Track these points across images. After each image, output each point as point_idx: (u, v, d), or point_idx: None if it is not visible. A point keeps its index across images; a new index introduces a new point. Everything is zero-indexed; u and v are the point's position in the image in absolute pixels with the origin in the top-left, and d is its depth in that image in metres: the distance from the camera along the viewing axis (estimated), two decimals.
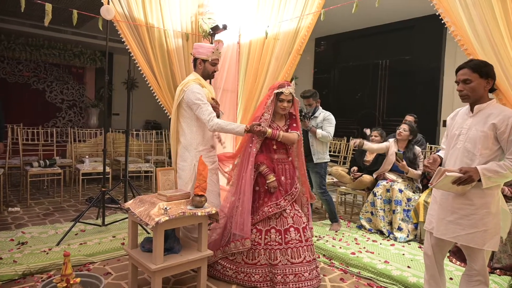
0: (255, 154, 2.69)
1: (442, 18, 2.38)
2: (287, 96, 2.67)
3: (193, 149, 2.71)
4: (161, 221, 2.20)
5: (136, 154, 6.24)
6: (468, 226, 2.04)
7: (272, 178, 2.63)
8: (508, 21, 2.09)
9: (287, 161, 2.76)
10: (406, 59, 6.59)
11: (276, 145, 2.72)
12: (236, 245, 2.61)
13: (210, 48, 2.72)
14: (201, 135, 2.72)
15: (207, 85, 2.78)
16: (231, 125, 2.62)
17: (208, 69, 2.76)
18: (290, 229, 2.60)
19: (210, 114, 2.60)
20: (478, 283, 2.12)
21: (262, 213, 2.62)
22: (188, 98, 2.63)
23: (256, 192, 2.71)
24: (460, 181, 1.97)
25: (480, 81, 2.02)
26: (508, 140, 1.95)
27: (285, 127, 2.78)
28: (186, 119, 2.72)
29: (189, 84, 2.67)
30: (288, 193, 2.67)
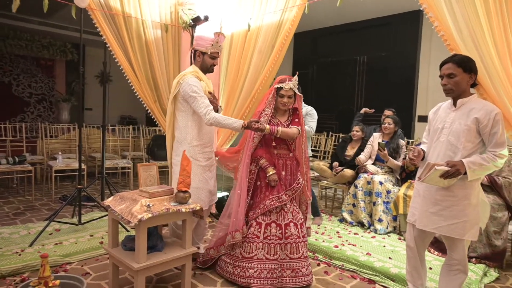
0: (252, 148, 2.65)
1: (426, 13, 2.40)
2: (287, 91, 2.59)
3: (187, 143, 2.62)
4: (144, 219, 2.13)
5: (112, 150, 6.04)
6: (449, 217, 2.09)
7: (272, 171, 2.57)
8: (490, 18, 2.14)
9: (288, 157, 2.67)
10: (383, 55, 6.69)
11: (275, 141, 2.63)
12: (228, 238, 2.59)
13: (210, 41, 2.61)
14: (196, 129, 2.62)
15: (205, 78, 2.68)
16: (228, 120, 2.53)
17: (207, 62, 2.66)
18: (290, 224, 2.56)
19: (207, 107, 2.50)
20: (458, 272, 2.18)
21: (263, 206, 2.57)
22: (184, 90, 2.54)
23: (257, 187, 2.66)
24: (447, 175, 2.01)
25: (464, 75, 2.06)
26: (490, 134, 2.00)
27: (287, 122, 2.69)
28: (182, 113, 2.62)
29: (185, 76, 2.57)
30: (289, 188, 2.61)
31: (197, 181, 2.62)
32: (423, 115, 6.35)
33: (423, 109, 6.34)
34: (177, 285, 2.52)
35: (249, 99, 3.54)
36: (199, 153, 2.63)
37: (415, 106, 6.44)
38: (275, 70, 3.43)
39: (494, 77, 2.16)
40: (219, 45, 2.65)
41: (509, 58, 2.10)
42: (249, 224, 2.60)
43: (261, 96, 3.53)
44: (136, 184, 5.64)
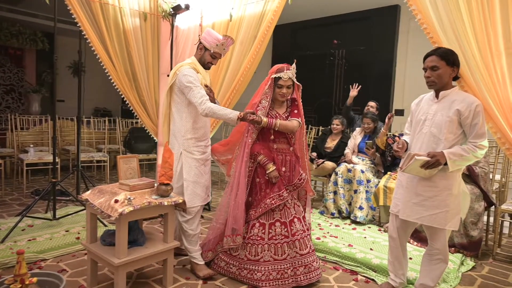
0: (250, 144, 2.48)
1: (409, 6, 2.42)
2: (286, 81, 2.43)
3: (181, 136, 2.52)
4: (125, 212, 2.06)
5: (87, 143, 5.85)
6: (431, 207, 2.13)
7: (272, 167, 2.42)
8: (471, 11, 2.17)
9: (288, 152, 2.51)
10: (362, 49, 6.76)
11: (274, 134, 2.47)
12: (228, 240, 2.44)
13: (216, 40, 2.51)
14: (190, 122, 2.51)
15: (203, 71, 2.58)
16: (224, 111, 2.39)
17: (205, 58, 2.56)
18: (294, 220, 2.45)
19: (202, 97, 2.39)
20: (439, 261, 2.23)
21: (264, 205, 2.42)
22: (180, 81, 2.45)
23: (257, 184, 2.51)
24: (428, 165, 2.04)
25: (447, 68, 2.10)
26: (470, 125, 2.05)
27: (286, 114, 2.53)
28: (177, 105, 2.53)
29: (182, 67, 2.49)
30: (290, 184, 2.47)
31: (193, 175, 2.52)
32: (400, 108, 6.47)
33: (399, 102, 6.47)
34: (158, 280, 2.47)
35: (230, 90, 3.49)
36: (193, 146, 2.53)
37: (392, 100, 6.56)
38: (257, 61, 3.38)
39: (474, 70, 2.20)
40: (224, 48, 2.57)
41: (489, 51, 2.14)
42: (251, 224, 2.46)
43: (242, 88, 3.49)
44: (112, 177, 5.49)
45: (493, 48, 2.13)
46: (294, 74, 2.48)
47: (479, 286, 2.55)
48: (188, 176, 2.51)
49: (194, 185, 2.52)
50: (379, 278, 2.59)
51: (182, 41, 3.55)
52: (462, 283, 2.57)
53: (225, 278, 2.50)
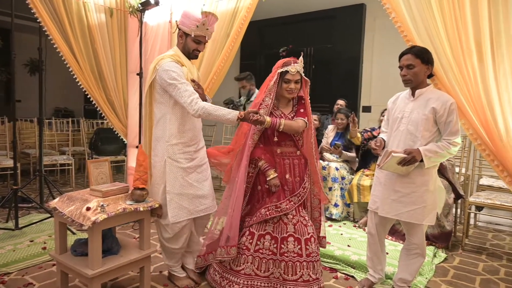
0: (251, 147, 2.23)
1: (384, 4, 2.44)
2: (294, 75, 2.18)
3: (165, 141, 2.20)
4: (98, 221, 1.93)
5: (49, 146, 5.52)
6: (409, 204, 2.17)
7: (273, 174, 2.18)
8: (443, 11, 2.22)
9: (295, 155, 2.26)
10: (329, 47, 6.85)
11: (279, 137, 2.21)
12: (221, 252, 2.22)
13: (195, 21, 2.13)
14: (176, 125, 2.18)
15: (188, 63, 2.23)
16: (221, 110, 2.07)
17: (189, 46, 2.20)
18: (289, 239, 2.14)
19: (192, 96, 2.05)
20: (417, 256, 2.28)
21: (258, 215, 2.20)
22: (161, 78, 2.10)
23: (257, 192, 2.27)
24: (404, 162, 2.08)
25: (422, 66, 2.13)
26: (445, 123, 2.10)
27: (292, 114, 2.27)
28: (159, 105, 2.20)
29: (162, 60, 2.13)
30: (295, 193, 2.21)
31: (177, 186, 2.21)
32: (367, 105, 6.63)
33: (367, 99, 6.62)
34: None
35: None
36: (179, 153, 2.20)
37: (359, 97, 6.70)
38: (230, 59, 3.32)
39: (447, 68, 2.26)
40: (207, 28, 2.17)
41: (460, 49, 2.21)
42: (242, 232, 2.26)
43: (215, 87, 3.41)
44: (78, 181, 5.23)
45: (464, 46, 2.19)
46: (302, 68, 2.24)
47: (452, 277, 2.64)
48: (172, 188, 2.20)
49: (180, 197, 2.21)
50: (358, 274, 2.62)
51: (152, 38, 3.42)
52: (436, 275, 2.65)
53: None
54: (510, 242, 3.32)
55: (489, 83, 2.14)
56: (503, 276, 2.67)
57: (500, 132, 2.13)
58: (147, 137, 2.32)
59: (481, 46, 2.14)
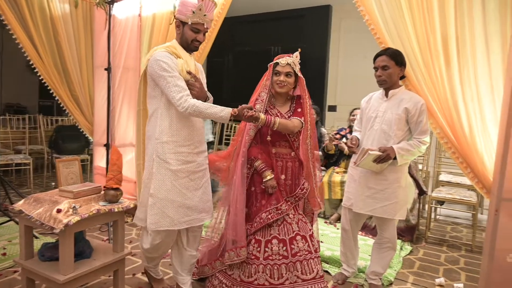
0: (248, 143, 2.12)
1: (358, 7, 2.51)
2: (284, 67, 2.08)
3: (154, 138, 1.99)
4: (71, 223, 1.84)
5: (3, 144, 5.16)
6: (382, 199, 2.26)
7: (270, 175, 2.07)
8: (413, 15, 2.32)
9: (289, 157, 2.15)
10: (296, 46, 6.93)
11: (272, 136, 2.10)
12: (230, 255, 2.07)
13: (191, 6, 1.95)
14: (167, 121, 1.97)
15: (186, 55, 2.02)
16: (213, 108, 1.89)
17: (187, 35, 1.99)
18: (297, 237, 2.07)
19: (182, 92, 1.88)
20: (388, 249, 2.38)
21: (260, 220, 2.08)
22: (152, 69, 1.92)
23: (252, 194, 2.15)
24: (380, 159, 2.16)
25: (396, 68, 2.23)
26: (416, 122, 2.21)
27: (289, 113, 2.15)
28: (151, 100, 2.02)
29: (156, 51, 1.97)
30: (292, 194, 2.13)
31: (163, 190, 1.98)
32: (332, 104, 6.80)
33: (332, 99, 6.80)
34: None
35: None
36: (169, 152, 1.96)
37: (325, 96, 6.86)
38: (204, 55, 3.27)
39: (416, 70, 2.37)
40: (204, 14, 1.97)
41: (428, 52, 2.32)
42: (247, 240, 2.11)
43: None
44: (36, 182, 4.93)
45: (433, 49, 2.31)
46: (297, 64, 2.14)
47: (418, 268, 2.78)
48: (156, 191, 1.96)
49: (164, 203, 1.96)
50: (332, 269, 2.69)
51: (120, 32, 3.29)
52: (404, 267, 2.78)
53: None
54: (467, 234, 3.54)
55: (455, 85, 2.26)
56: (463, 265, 2.85)
57: (464, 131, 2.27)
58: (141, 136, 2.14)
59: (448, 50, 2.26)
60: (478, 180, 2.26)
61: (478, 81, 2.21)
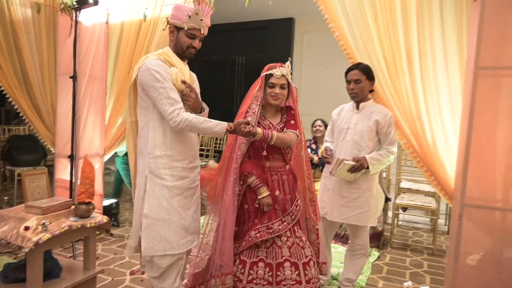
0: (240, 158, 2.01)
1: (328, 23, 2.61)
2: (279, 79, 2.01)
3: (147, 153, 1.81)
4: (41, 241, 1.74)
5: None
6: (356, 208, 2.35)
7: (265, 192, 1.95)
8: (380, 33, 2.46)
9: (284, 170, 2.05)
10: (261, 57, 7.04)
11: (267, 150, 2.00)
12: (216, 282, 1.91)
13: (187, 11, 1.82)
14: (160, 134, 1.81)
15: (180, 63, 1.89)
16: (207, 123, 1.76)
17: (182, 41, 1.86)
18: (285, 264, 1.90)
19: (174, 105, 1.75)
20: (361, 256, 2.47)
21: (248, 238, 1.93)
22: (143, 78, 1.77)
23: (245, 212, 2.02)
24: (354, 169, 2.25)
25: (367, 82, 2.35)
26: (385, 134, 2.34)
27: (281, 125, 2.08)
28: (142, 110, 1.86)
29: (147, 59, 1.82)
30: (287, 212, 1.98)
31: (160, 209, 1.78)
32: None
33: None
34: None
35: None
36: (163, 168, 1.79)
37: None
38: None
39: (383, 85, 2.50)
40: (201, 19, 1.85)
41: (394, 69, 2.46)
42: None
43: None
44: None
45: (397, 64, 2.45)
46: (289, 73, 2.08)
47: (387, 273, 2.91)
48: (151, 211, 1.77)
49: (160, 224, 1.77)
50: None
51: (86, 39, 3.16)
52: (374, 273, 2.89)
53: None
54: (427, 238, 3.75)
55: (419, 98, 2.41)
56: (427, 268, 3.02)
57: (428, 141, 2.41)
58: (132, 152, 1.97)
59: (412, 64, 2.41)
60: (441, 187, 2.41)
61: (439, 93, 2.37)
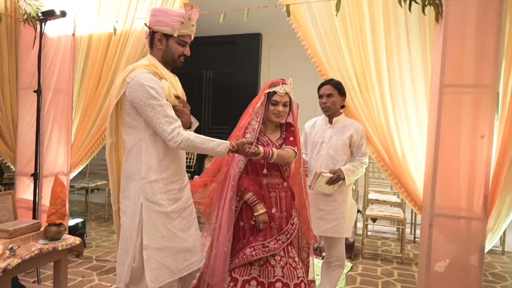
0: (237, 176, 1.97)
1: (301, 41, 2.70)
2: (282, 96, 1.99)
3: (140, 178, 1.66)
4: (10, 267, 1.62)
5: None
6: (332, 220, 2.41)
7: (262, 209, 1.92)
8: (351, 51, 2.58)
9: (282, 187, 2.03)
10: (228, 71, 7.11)
11: (267, 167, 1.99)
12: None
13: (178, 16, 1.69)
14: (155, 155, 1.67)
15: (169, 75, 1.77)
16: (209, 143, 1.67)
17: (173, 50, 1.74)
18: (276, 284, 1.87)
19: (173, 123, 1.63)
20: (337, 267, 2.52)
21: (243, 255, 1.90)
22: (135, 95, 1.60)
23: (240, 229, 1.98)
24: (332, 181, 2.32)
25: (338, 97, 2.44)
26: (358, 146, 2.43)
27: (280, 141, 2.07)
28: (131, 130, 1.69)
29: (135, 72, 1.64)
30: (283, 231, 1.97)
31: (158, 238, 1.67)
32: None
33: None
34: None
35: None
36: (160, 192, 1.68)
37: None
38: None
39: (355, 100, 2.60)
40: (192, 24, 1.74)
41: (365, 85, 2.58)
42: (222, 277, 1.94)
43: None
44: None
45: (368, 83, 2.57)
46: (291, 90, 2.07)
47: (360, 283, 2.97)
48: (150, 242, 1.65)
49: (161, 253, 1.67)
50: None
51: (52, 52, 3.04)
52: (348, 283, 2.95)
53: None
54: (396, 247, 3.89)
55: (388, 114, 2.54)
56: (397, 277, 3.12)
57: (398, 155, 2.53)
58: (114, 174, 1.80)
59: (381, 83, 2.54)
60: (411, 198, 2.52)
61: (407, 109, 2.50)
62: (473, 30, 2.11)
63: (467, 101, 2.17)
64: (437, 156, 2.22)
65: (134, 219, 1.66)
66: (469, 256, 2.21)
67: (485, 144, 2.11)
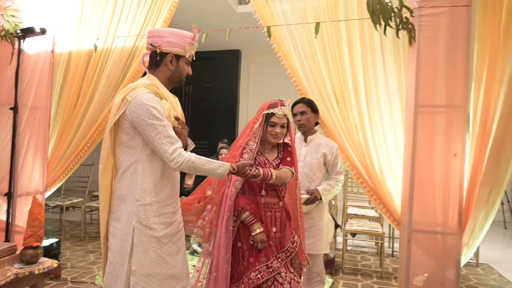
0: (234, 196, 1.95)
1: (281, 60, 2.77)
2: (281, 118, 1.99)
3: (134, 200, 1.61)
4: None
5: None
6: (310, 237, 2.44)
7: (259, 228, 1.90)
8: (329, 70, 2.67)
9: (278, 207, 2.01)
10: (207, 87, 7.14)
11: (265, 188, 1.98)
12: None
13: (189, 38, 1.71)
14: (151, 177, 1.63)
15: (170, 96, 1.74)
16: (210, 164, 1.64)
17: (183, 70, 1.74)
18: None
19: (175, 144, 1.59)
20: (318, 283, 2.54)
21: (248, 280, 1.85)
22: (136, 114, 1.57)
23: (238, 250, 1.94)
24: (309, 201, 2.36)
25: (311, 114, 2.51)
26: (333, 164, 2.49)
27: (277, 161, 2.06)
28: (127, 150, 1.64)
29: (136, 90, 1.61)
30: (283, 249, 1.96)
31: (147, 264, 1.61)
32: None
33: None
34: None
35: (93, 129, 3.12)
36: (153, 216, 1.63)
37: (237, 134, 7.12)
38: None
39: (334, 118, 2.68)
40: (196, 44, 1.79)
41: (343, 103, 2.67)
42: None
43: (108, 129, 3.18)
44: None
45: (346, 101, 2.66)
46: (289, 111, 2.08)
47: None
48: (139, 267, 1.59)
49: (149, 280, 1.60)
50: None
51: (30, 69, 2.99)
52: None
53: None
54: (375, 261, 3.95)
55: (366, 132, 2.63)
56: None
57: (376, 172, 2.61)
58: (106, 195, 1.70)
59: (359, 101, 2.63)
60: (389, 214, 2.59)
61: (384, 126, 2.61)
62: (444, 54, 2.23)
63: (440, 120, 2.27)
64: (413, 174, 2.30)
65: (125, 243, 1.60)
66: (446, 270, 2.28)
67: (458, 161, 2.21)
